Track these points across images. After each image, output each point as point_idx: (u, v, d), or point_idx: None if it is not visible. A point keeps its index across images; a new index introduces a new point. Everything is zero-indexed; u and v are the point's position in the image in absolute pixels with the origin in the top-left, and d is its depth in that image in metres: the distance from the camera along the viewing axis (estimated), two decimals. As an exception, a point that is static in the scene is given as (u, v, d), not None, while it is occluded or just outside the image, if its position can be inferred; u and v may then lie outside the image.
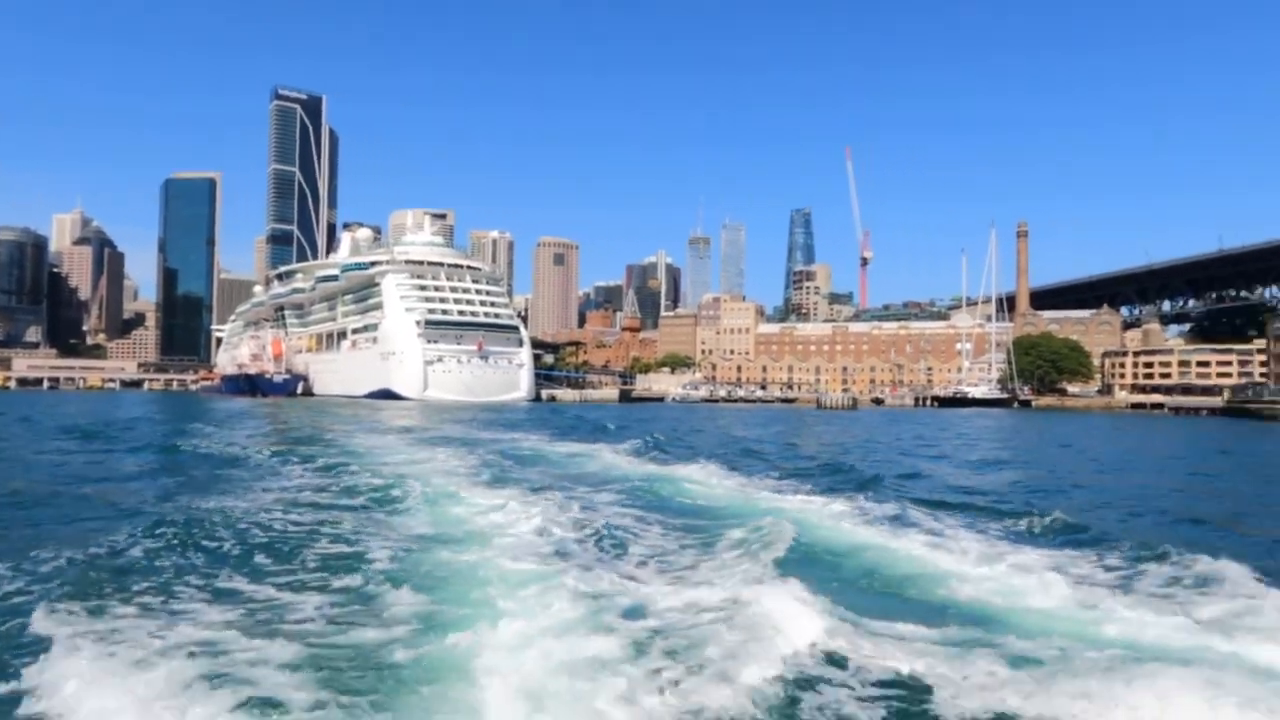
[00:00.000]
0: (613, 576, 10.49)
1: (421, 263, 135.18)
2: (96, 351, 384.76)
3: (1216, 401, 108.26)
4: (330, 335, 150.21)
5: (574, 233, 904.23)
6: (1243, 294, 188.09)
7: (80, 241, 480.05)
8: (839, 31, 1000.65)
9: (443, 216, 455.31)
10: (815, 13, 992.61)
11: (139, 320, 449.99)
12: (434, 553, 11.87)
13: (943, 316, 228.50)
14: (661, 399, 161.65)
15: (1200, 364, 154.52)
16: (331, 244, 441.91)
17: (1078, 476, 27.76)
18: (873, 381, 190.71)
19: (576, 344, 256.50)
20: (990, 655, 7.59)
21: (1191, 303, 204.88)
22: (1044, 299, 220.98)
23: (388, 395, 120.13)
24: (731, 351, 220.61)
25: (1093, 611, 9.37)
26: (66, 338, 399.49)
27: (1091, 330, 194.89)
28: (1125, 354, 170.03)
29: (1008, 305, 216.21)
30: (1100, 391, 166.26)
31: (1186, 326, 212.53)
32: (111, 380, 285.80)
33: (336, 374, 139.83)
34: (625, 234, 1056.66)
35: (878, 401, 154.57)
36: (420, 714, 6.50)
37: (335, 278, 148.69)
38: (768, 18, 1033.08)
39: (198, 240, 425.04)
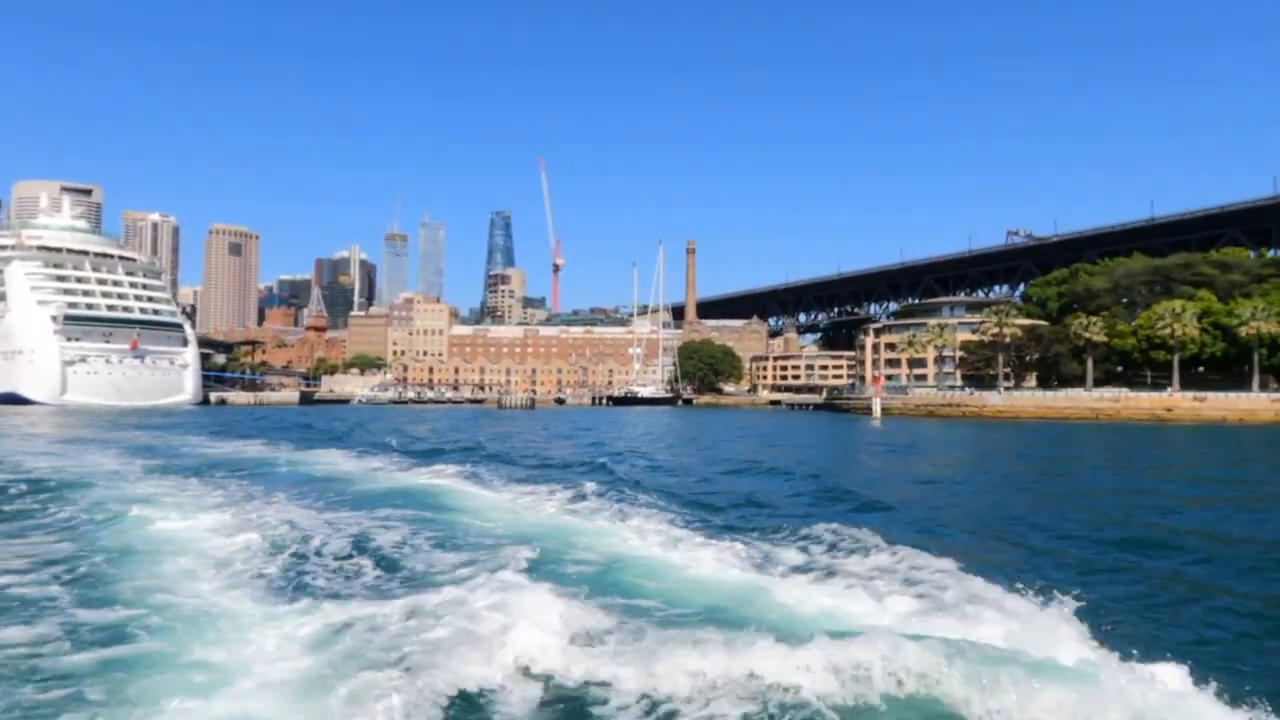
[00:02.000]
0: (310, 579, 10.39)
1: (60, 250, 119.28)
2: None
3: (819, 398, 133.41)
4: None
5: (255, 221, 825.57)
6: (856, 310, 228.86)
7: None
8: (536, 33, 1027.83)
9: (87, 193, 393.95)
10: (533, 13, 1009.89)
11: None
12: (122, 576, 10.61)
13: (625, 323, 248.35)
14: (347, 401, 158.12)
15: (822, 367, 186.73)
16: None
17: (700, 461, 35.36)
18: (559, 383, 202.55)
19: (254, 343, 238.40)
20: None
21: (820, 315, 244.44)
22: (708, 309, 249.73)
23: (13, 400, 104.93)
24: (425, 353, 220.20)
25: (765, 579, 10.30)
26: None
27: (745, 337, 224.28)
28: (767, 358, 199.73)
29: (680, 314, 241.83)
30: (750, 390, 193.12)
31: (819, 335, 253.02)
32: None
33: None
34: (315, 226, 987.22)
35: (560, 401, 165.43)
36: None
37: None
38: (479, 8, 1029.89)
39: None
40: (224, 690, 6.72)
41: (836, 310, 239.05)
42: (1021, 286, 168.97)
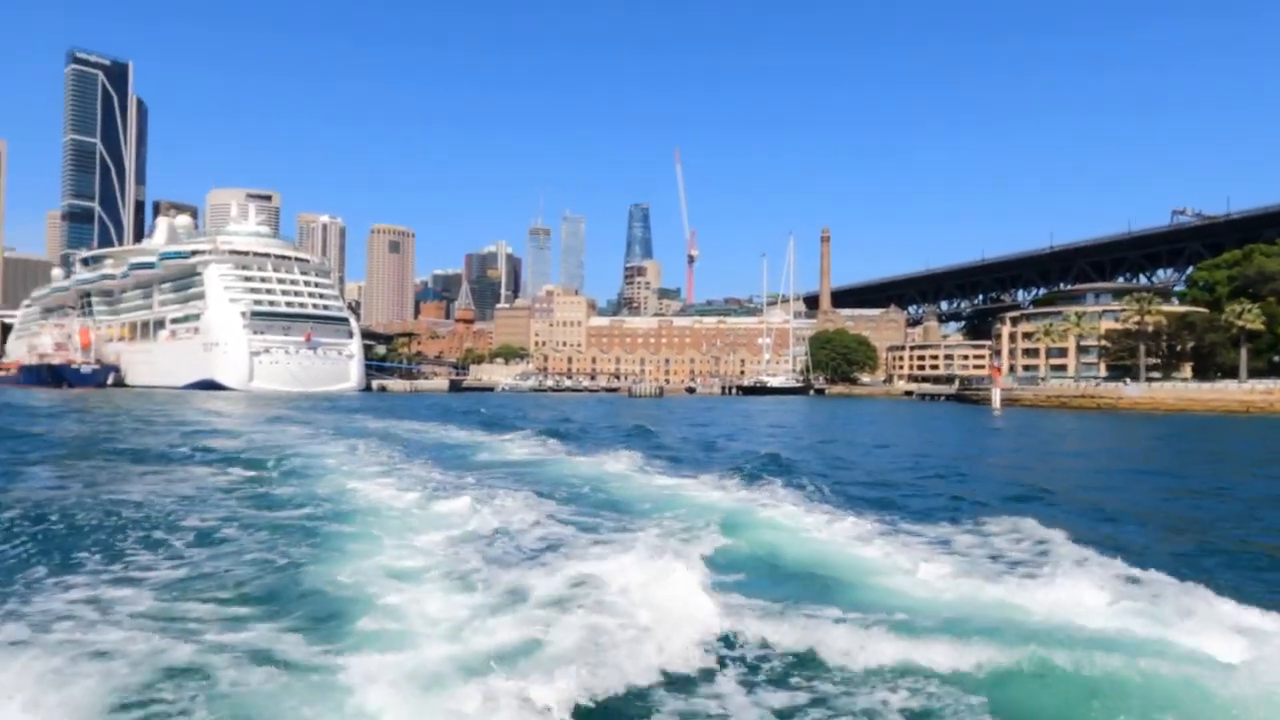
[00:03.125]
0: (511, 560, 10.87)
1: (247, 253, 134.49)
2: None
3: (950, 389, 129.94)
4: (146, 324, 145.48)
5: (411, 219, 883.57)
6: (1002, 297, 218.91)
7: None
8: (676, 32, 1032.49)
9: (267, 198, 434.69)
10: (663, 10, 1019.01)
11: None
12: (330, 541, 11.75)
13: (757, 312, 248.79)
14: (491, 389, 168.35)
15: (962, 357, 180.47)
16: (140, 223, 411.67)
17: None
18: (691, 372, 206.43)
19: (410, 335, 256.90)
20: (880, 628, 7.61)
21: (963, 303, 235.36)
22: (843, 297, 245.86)
23: (210, 386, 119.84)
24: (564, 343, 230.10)
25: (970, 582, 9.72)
26: None
27: (881, 326, 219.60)
28: (904, 348, 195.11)
29: (814, 303, 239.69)
30: (886, 381, 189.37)
31: (962, 324, 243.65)
32: None
33: (153, 365, 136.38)
34: (465, 222, 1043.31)
35: (690, 390, 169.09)
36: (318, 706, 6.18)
37: (152, 265, 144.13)
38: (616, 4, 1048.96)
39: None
40: (403, 642, 7.47)
41: (981, 298, 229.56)
42: (1189, 270, 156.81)
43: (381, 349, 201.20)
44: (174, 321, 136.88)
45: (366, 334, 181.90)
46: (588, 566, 9.68)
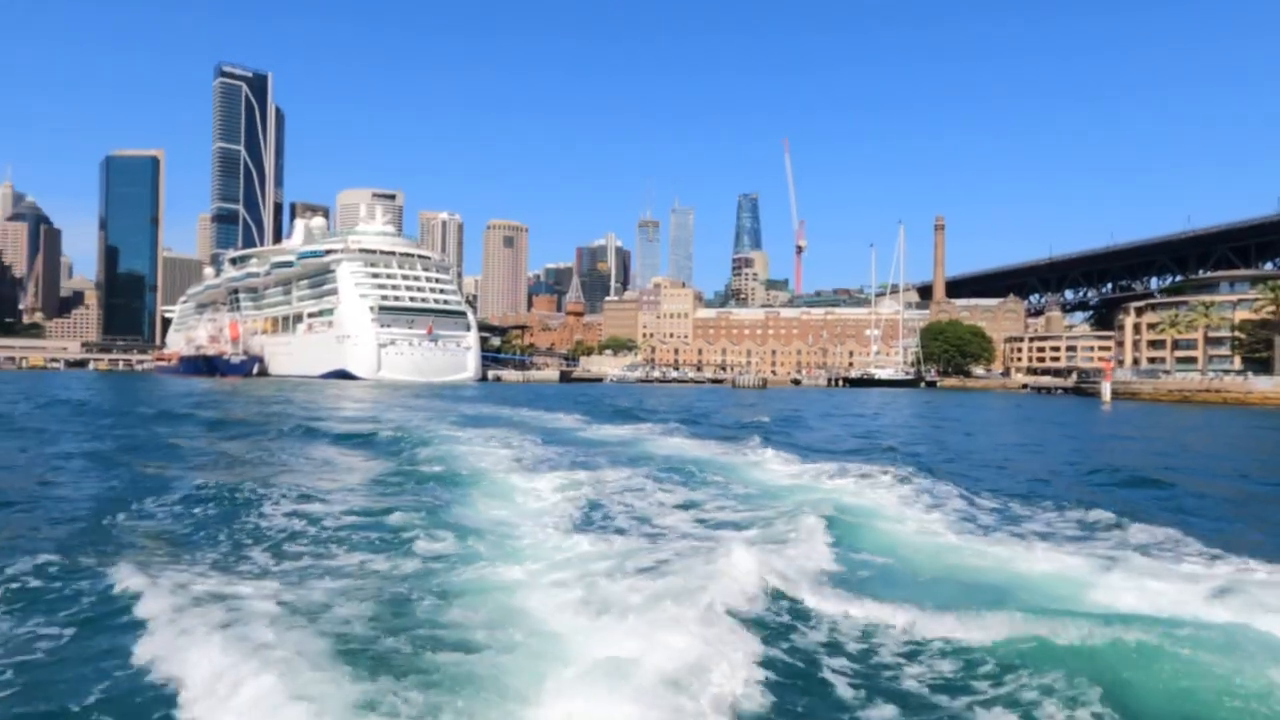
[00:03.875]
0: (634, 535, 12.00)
1: (374, 251, 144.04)
2: (34, 330, 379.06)
3: (1068, 382, 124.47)
4: (286, 319, 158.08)
5: (524, 214, 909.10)
6: (1133, 285, 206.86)
7: (14, 217, 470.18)
8: (786, 19, 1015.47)
9: (391, 197, 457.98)
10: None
11: (78, 299, 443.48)
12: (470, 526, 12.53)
13: (867, 303, 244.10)
14: (600, 379, 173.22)
15: (1086, 348, 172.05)
16: (279, 223, 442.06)
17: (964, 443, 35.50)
18: (798, 364, 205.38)
19: (523, 327, 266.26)
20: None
21: (1089, 292, 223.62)
22: (958, 287, 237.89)
23: (343, 375, 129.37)
24: (671, 335, 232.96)
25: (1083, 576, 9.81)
26: (1, 316, 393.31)
27: (999, 317, 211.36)
28: (1022, 339, 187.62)
29: (927, 293, 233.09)
30: (1004, 374, 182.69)
31: (1089, 314, 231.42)
32: (55, 360, 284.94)
33: (292, 356, 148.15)
34: (576, 215, 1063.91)
35: (795, 382, 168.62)
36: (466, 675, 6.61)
37: (291, 264, 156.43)
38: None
39: (140, 219, 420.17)
40: (523, 597, 8.61)
41: (1110, 286, 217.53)
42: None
43: (496, 341, 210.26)
44: (310, 316, 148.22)
45: (482, 327, 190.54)
46: (713, 550, 10.25)
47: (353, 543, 11.53)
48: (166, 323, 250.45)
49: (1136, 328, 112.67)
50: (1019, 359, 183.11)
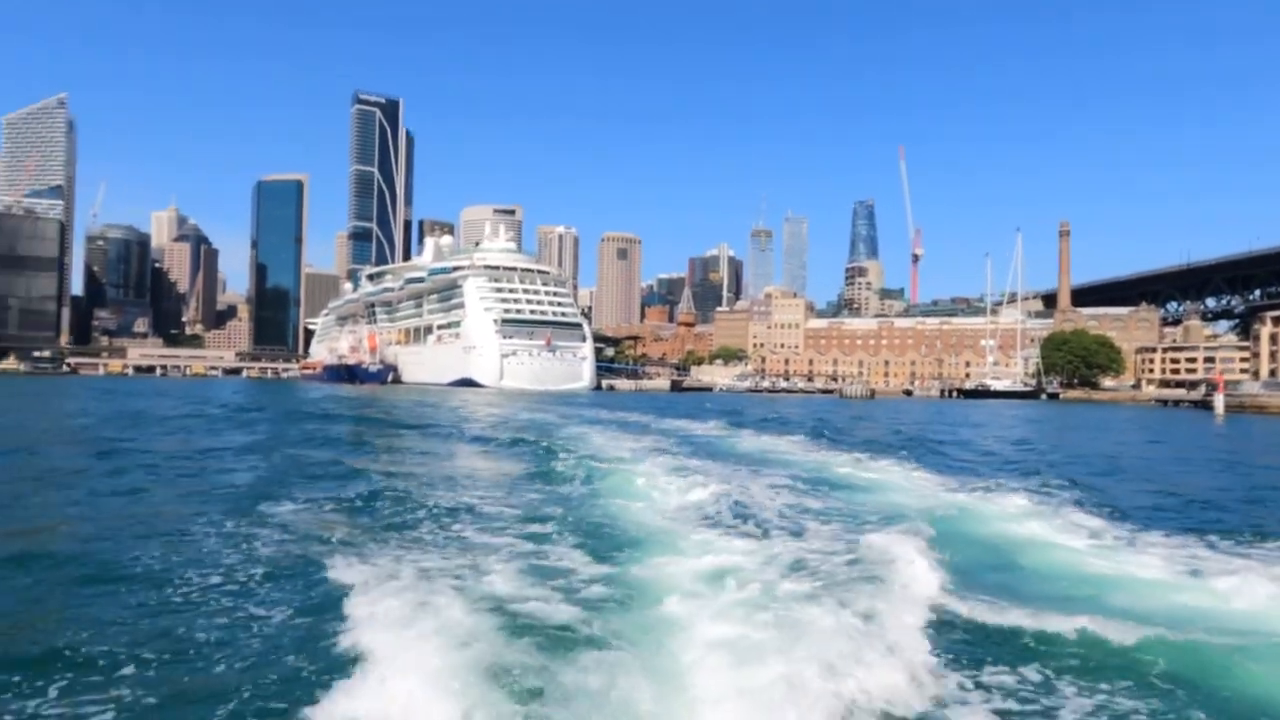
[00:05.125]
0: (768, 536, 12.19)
1: (498, 268, 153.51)
2: (195, 341, 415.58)
3: (1197, 394, 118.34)
4: (417, 330, 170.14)
5: (637, 225, 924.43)
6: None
7: (179, 239, 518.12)
8: (901, 27, 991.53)
9: (511, 213, 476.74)
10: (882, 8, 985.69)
11: (231, 312, 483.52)
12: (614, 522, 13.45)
13: (985, 312, 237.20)
14: (709, 389, 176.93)
15: (1225, 360, 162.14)
16: (408, 239, 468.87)
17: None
18: (912, 375, 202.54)
19: (635, 338, 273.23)
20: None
21: (1233, 300, 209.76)
22: (1084, 295, 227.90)
23: (468, 383, 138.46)
24: (781, 345, 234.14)
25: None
26: (168, 328, 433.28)
27: (1130, 326, 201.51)
28: (1155, 350, 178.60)
29: (1051, 302, 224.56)
30: (1134, 386, 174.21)
31: (1235, 323, 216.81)
32: (214, 368, 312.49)
33: (423, 365, 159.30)
34: (688, 226, 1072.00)
35: (907, 393, 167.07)
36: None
37: (422, 280, 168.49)
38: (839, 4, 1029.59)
39: (286, 238, 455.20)
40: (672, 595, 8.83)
41: (1259, 294, 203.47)
42: None
43: (610, 351, 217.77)
44: (440, 327, 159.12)
45: (597, 337, 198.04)
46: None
47: (513, 528, 12.81)
48: (308, 333, 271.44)
49: (1274, 338, 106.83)
50: (1150, 370, 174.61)
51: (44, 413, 51.31)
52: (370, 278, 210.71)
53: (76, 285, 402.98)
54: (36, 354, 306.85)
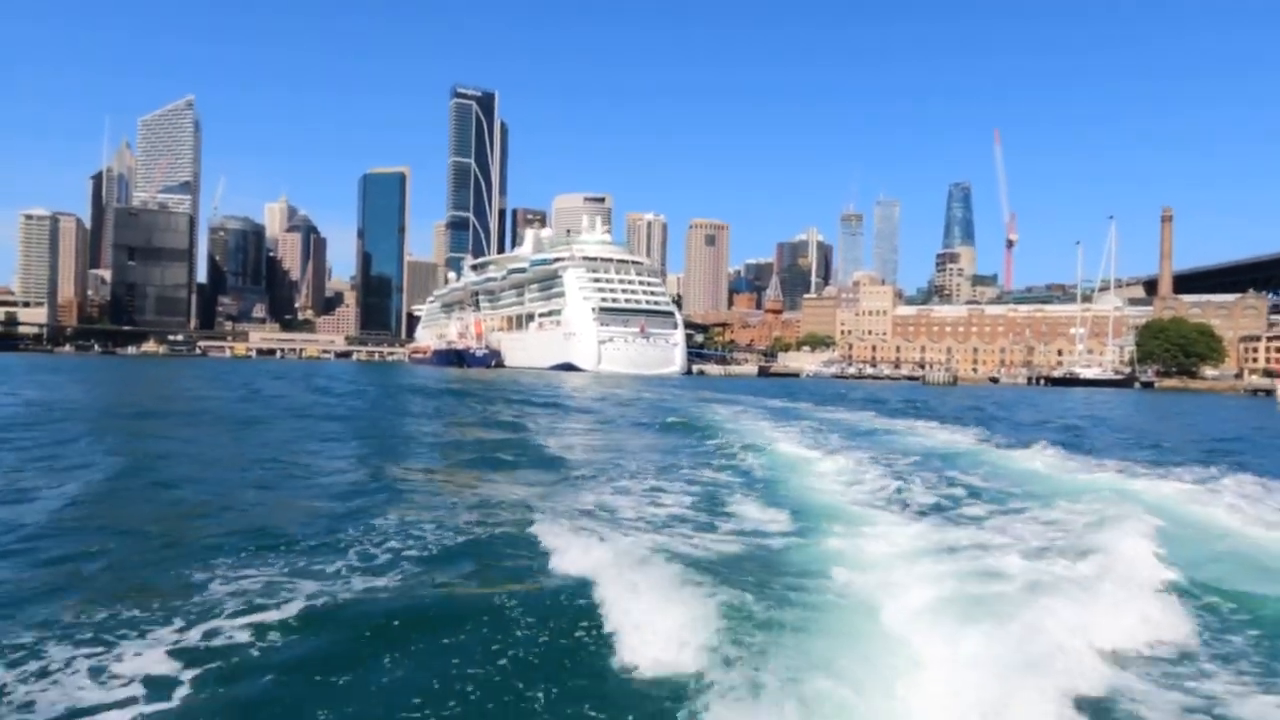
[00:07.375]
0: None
1: (595, 259, 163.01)
2: (307, 326, 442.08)
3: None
4: (519, 317, 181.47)
5: (725, 210, 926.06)
6: None
7: (290, 229, 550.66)
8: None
9: (601, 200, 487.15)
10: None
11: (339, 299, 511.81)
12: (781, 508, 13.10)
13: (1084, 299, 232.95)
14: (796, 375, 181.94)
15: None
16: (502, 228, 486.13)
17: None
18: (1002, 362, 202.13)
19: (724, 324, 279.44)
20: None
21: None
22: (1188, 282, 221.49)
23: (568, 368, 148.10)
24: (869, 332, 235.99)
25: None
26: (281, 314, 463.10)
27: (1236, 314, 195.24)
28: (1259, 338, 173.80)
29: (1152, 288, 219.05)
30: (1237, 375, 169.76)
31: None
32: (326, 351, 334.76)
33: (525, 350, 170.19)
34: (776, 210, 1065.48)
35: (993, 380, 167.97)
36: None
37: (523, 270, 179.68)
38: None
39: (390, 228, 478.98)
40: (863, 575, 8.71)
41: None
42: None
43: (699, 337, 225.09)
44: (541, 315, 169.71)
45: (687, 324, 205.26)
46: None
47: (705, 506, 13.30)
48: (410, 319, 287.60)
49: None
50: (1254, 359, 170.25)
51: (245, 386, 59.88)
52: (474, 268, 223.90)
53: (201, 274, 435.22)
54: (171, 338, 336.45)
